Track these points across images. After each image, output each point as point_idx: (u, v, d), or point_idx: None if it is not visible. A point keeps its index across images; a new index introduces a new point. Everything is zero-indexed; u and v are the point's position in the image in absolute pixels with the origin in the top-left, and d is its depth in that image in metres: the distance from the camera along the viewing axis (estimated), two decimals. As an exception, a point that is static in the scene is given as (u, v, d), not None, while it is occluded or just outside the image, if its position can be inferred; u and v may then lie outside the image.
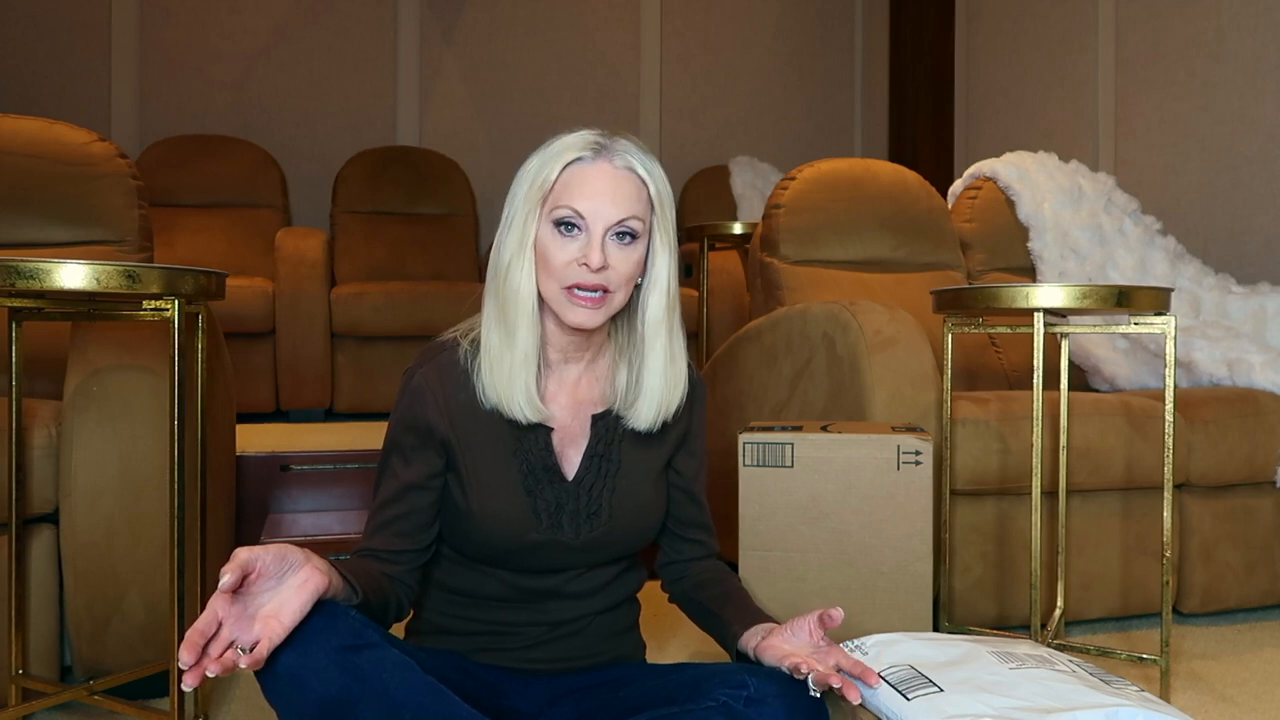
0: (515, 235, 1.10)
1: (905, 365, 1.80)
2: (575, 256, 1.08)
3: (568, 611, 1.21)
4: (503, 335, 1.11)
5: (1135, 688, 1.11)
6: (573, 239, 1.08)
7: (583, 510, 1.17)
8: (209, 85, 4.27)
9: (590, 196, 1.08)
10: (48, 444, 1.51)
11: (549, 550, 1.16)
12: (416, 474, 1.15)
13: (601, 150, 1.10)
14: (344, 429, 3.12)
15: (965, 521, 1.92)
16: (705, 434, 1.30)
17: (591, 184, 1.08)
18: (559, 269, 1.08)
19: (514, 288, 1.10)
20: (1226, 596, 2.09)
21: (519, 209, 1.10)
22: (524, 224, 1.09)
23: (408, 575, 1.16)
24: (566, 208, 1.08)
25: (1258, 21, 3.02)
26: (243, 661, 0.86)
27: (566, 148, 1.10)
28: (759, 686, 1.05)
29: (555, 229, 1.09)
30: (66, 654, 1.60)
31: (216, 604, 0.87)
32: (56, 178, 1.97)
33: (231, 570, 0.86)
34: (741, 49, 4.97)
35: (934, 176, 4.39)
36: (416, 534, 1.16)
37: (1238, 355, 2.24)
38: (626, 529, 1.19)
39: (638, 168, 1.11)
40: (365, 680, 0.92)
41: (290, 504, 2.52)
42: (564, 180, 1.09)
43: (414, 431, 1.15)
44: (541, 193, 1.09)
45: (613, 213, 1.08)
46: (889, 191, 2.65)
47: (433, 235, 4.00)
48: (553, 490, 1.16)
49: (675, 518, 1.29)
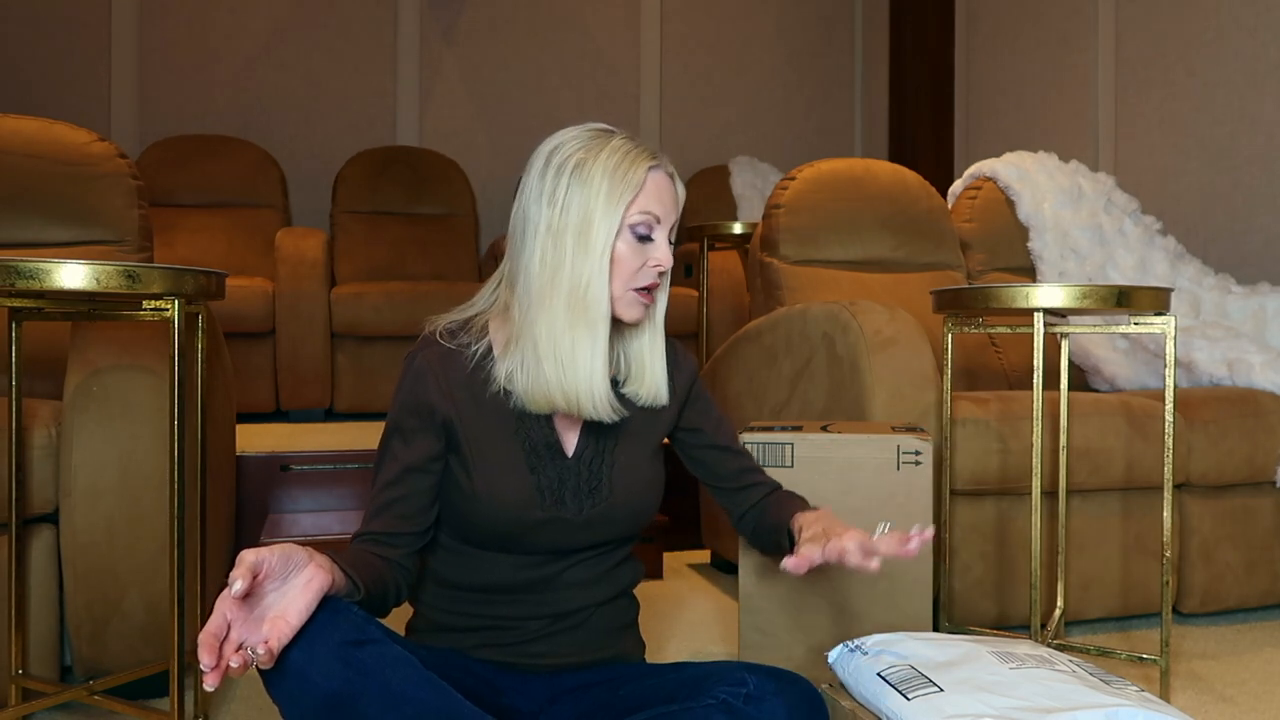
0: (596, 244, 1.11)
1: (905, 365, 1.80)
2: (646, 260, 1.14)
3: (567, 603, 1.22)
4: (583, 339, 1.11)
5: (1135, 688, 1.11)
6: (648, 245, 1.14)
7: (584, 486, 1.19)
8: (209, 85, 4.27)
9: (664, 203, 1.14)
10: (48, 444, 1.51)
11: (552, 529, 1.18)
12: (417, 456, 1.16)
13: (659, 157, 1.16)
14: (344, 429, 3.12)
15: (965, 521, 1.92)
16: (708, 396, 1.35)
17: (662, 191, 1.15)
18: (634, 273, 1.14)
19: (596, 295, 1.11)
20: (1226, 596, 2.09)
21: (599, 217, 1.11)
22: (606, 234, 1.11)
23: (407, 559, 1.17)
24: (650, 214, 1.13)
25: (1258, 21, 3.02)
26: (260, 662, 0.87)
27: (635, 156, 1.13)
28: (759, 684, 1.07)
29: (634, 236, 1.13)
30: (66, 654, 1.60)
31: (224, 606, 0.88)
32: (56, 178, 1.97)
33: (241, 576, 0.87)
34: (741, 49, 4.97)
35: (934, 176, 4.39)
36: (416, 516, 1.17)
37: (1238, 355, 2.24)
38: (627, 503, 1.21)
39: (674, 172, 1.19)
40: (368, 675, 0.93)
41: (290, 504, 2.52)
42: (647, 187, 1.13)
43: (416, 413, 1.16)
44: (625, 201, 1.12)
45: (674, 216, 1.16)
46: (889, 191, 2.65)
47: (433, 235, 4.00)
48: (554, 468, 1.18)
49: (720, 475, 1.35)
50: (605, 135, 1.14)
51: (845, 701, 1.19)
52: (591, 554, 1.23)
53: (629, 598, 1.30)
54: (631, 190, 1.11)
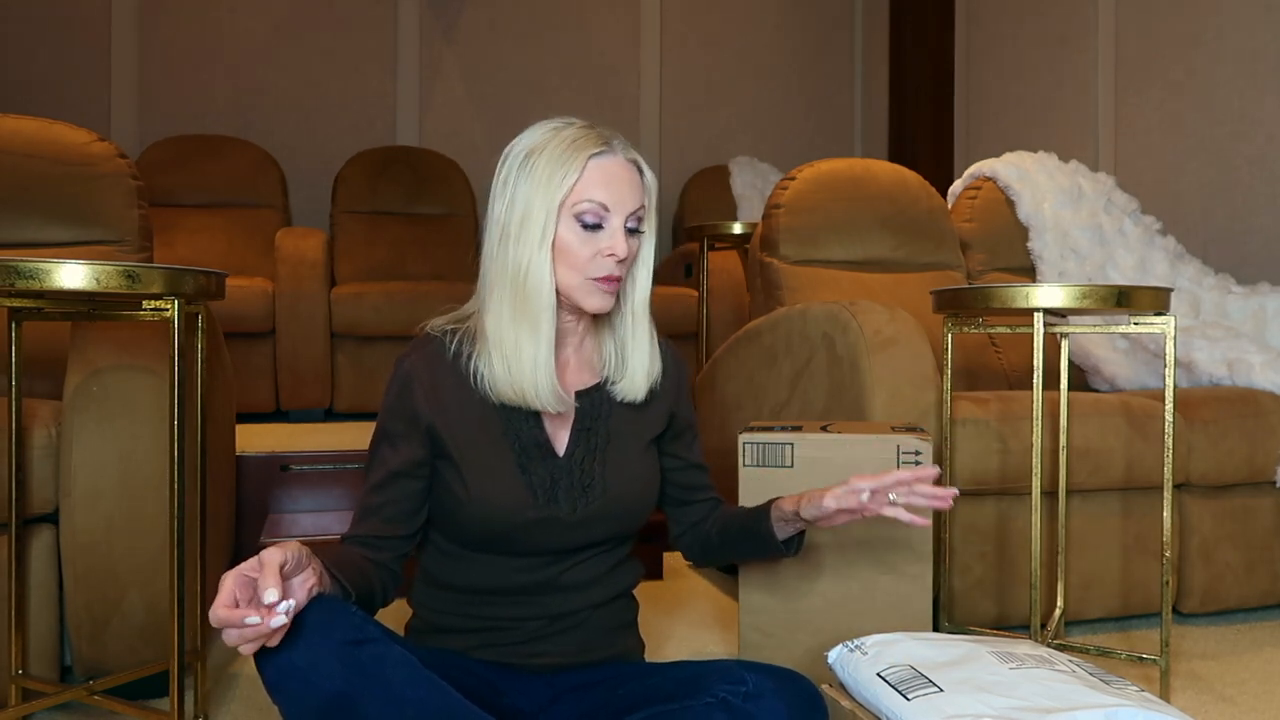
0: (533, 233, 1.10)
1: (905, 365, 1.80)
2: (600, 249, 1.11)
3: (566, 604, 1.21)
4: (525, 331, 1.11)
5: (1135, 688, 1.11)
6: (597, 233, 1.11)
7: (576, 485, 1.19)
8: (209, 85, 4.27)
9: (612, 189, 1.11)
10: (48, 444, 1.51)
11: (546, 528, 1.17)
12: (404, 461, 1.16)
13: (611, 143, 1.12)
14: (344, 429, 3.12)
15: (965, 521, 1.92)
16: (690, 405, 1.34)
17: (612, 176, 1.11)
18: (584, 263, 1.11)
19: (535, 286, 1.11)
20: (1226, 596, 2.09)
21: (536, 207, 1.10)
22: (544, 221, 1.10)
23: (394, 563, 1.17)
24: (593, 202, 1.10)
25: (1258, 21, 3.02)
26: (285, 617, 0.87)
27: (579, 143, 1.11)
28: (757, 682, 1.08)
29: (579, 224, 1.11)
30: (66, 654, 1.60)
31: (232, 584, 0.87)
32: (56, 178, 1.97)
33: (273, 582, 0.86)
34: (741, 49, 4.97)
35: (934, 176, 4.39)
36: (404, 520, 1.17)
37: (1238, 355, 2.24)
38: (620, 501, 1.21)
39: (637, 159, 1.15)
40: (368, 675, 0.93)
41: (290, 504, 2.52)
42: (588, 175, 1.11)
43: (402, 419, 1.16)
44: (564, 189, 1.10)
45: (630, 204, 1.12)
46: (889, 191, 2.65)
47: (433, 235, 4.00)
48: (545, 467, 1.18)
49: (683, 487, 1.34)
50: (563, 127, 1.13)
51: (845, 702, 1.19)
52: (590, 554, 1.23)
53: (629, 598, 1.30)
54: (571, 177, 1.09)
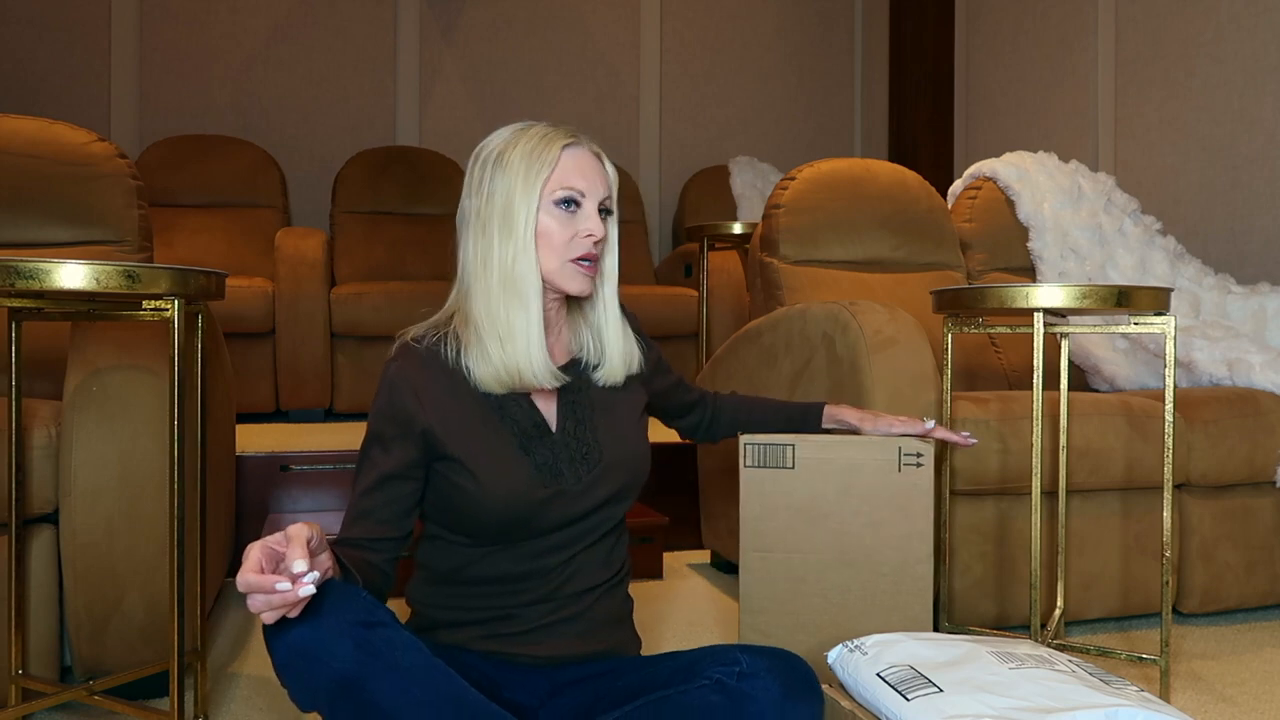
0: (517, 223, 1.16)
1: (905, 365, 1.80)
2: (576, 231, 1.18)
3: (569, 586, 1.23)
4: (516, 309, 1.17)
5: (1135, 688, 1.11)
6: (574, 216, 1.18)
7: (577, 454, 1.22)
8: (209, 85, 4.27)
9: (585, 176, 1.19)
10: (48, 444, 1.51)
11: (557, 504, 1.20)
12: (395, 464, 1.18)
13: (578, 136, 1.21)
14: (344, 429, 3.12)
15: (965, 522, 1.92)
16: (664, 365, 1.47)
17: (583, 165, 1.19)
18: (564, 245, 1.18)
19: (524, 271, 1.17)
20: (1226, 596, 2.09)
21: (518, 198, 1.17)
22: (526, 211, 1.16)
23: (387, 564, 1.19)
24: (569, 189, 1.18)
25: (1258, 21, 3.02)
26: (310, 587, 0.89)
27: (550, 137, 1.19)
28: (751, 662, 1.10)
29: (558, 210, 1.17)
30: (66, 654, 1.60)
31: (259, 554, 0.89)
32: (56, 178, 1.97)
33: (301, 553, 0.89)
34: (741, 49, 4.97)
35: (934, 176, 4.39)
36: (396, 522, 1.19)
37: (1238, 355, 2.24)
38: (620, 458, 1.25)
39: (600, 151, 1.24)
40: (378, 656, 0.95)
41: (290, 504, 2.52)
42: (563, 164, 1.18)
43: (394, 422, 1.18)
44: (542, 179, 1.16)
45: (601, 189, 1.20)
46: (889, 191, 2.65)
47: (433, 235, 4.00)
48: (545, 444, 1.21)
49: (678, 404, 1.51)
50: (527, 127, 1.21)
51: (845, 702, 1.19)
52: (595, 521, 1.24)
53: (625, 590, 1.32)
54: (547, 167, 1.16)
